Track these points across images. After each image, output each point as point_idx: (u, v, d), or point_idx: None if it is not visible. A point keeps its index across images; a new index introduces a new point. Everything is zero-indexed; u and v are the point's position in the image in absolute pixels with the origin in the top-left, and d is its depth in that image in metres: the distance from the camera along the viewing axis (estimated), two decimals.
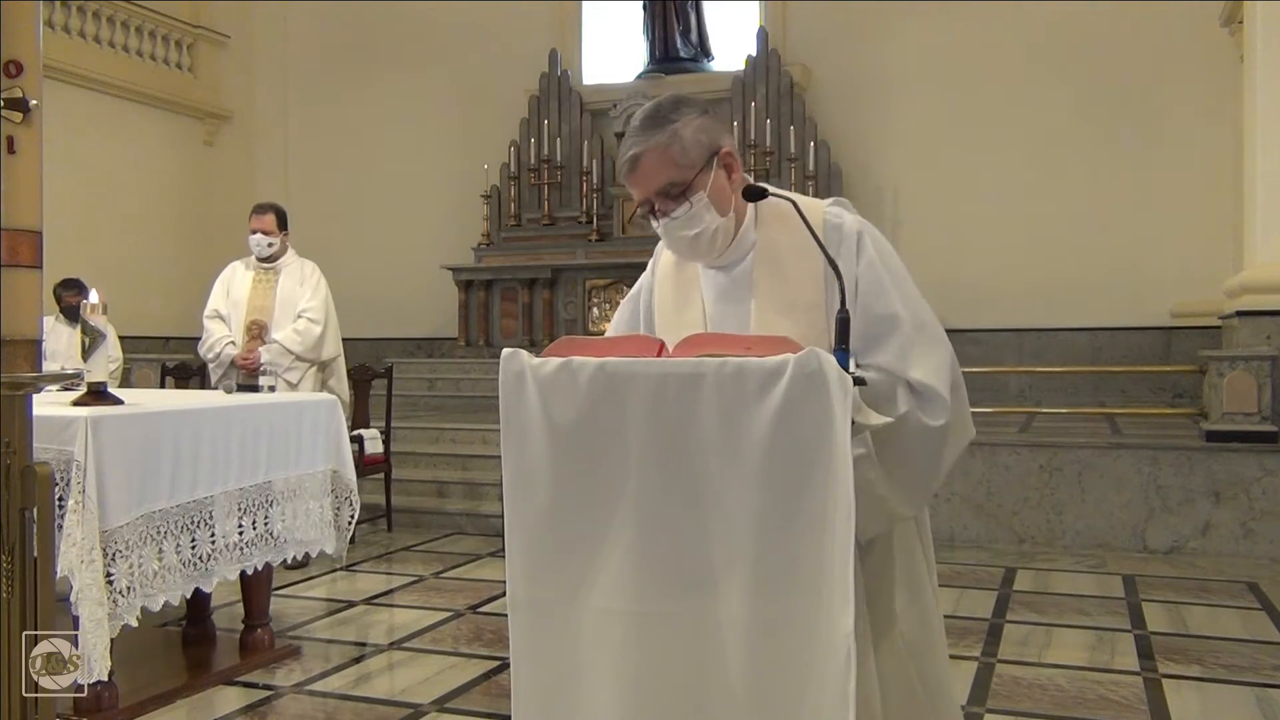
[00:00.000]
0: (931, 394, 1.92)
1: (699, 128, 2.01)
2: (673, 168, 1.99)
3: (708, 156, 2.01)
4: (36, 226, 1.81)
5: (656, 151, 1.99)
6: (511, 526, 1.97)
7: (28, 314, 1.80)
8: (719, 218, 2.03)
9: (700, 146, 2.00)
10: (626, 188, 2.07)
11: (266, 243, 5.87)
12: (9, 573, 1.78)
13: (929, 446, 1.93)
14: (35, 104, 1.77)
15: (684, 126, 2.00)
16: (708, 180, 2.01)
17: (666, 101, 2.05)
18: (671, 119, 2.00)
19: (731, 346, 1.84)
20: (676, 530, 1.83)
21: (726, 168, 2.05)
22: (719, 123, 2.09)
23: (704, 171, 2.01)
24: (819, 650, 1.72)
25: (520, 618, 1.96)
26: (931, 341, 1.99)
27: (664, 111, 2.02)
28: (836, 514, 1.71)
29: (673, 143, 1.98)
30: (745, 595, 1.77)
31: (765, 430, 1.75)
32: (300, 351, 5.86)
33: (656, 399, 1.83)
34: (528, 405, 1.93)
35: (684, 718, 1.83)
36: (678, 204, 2.01)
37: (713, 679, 1.80)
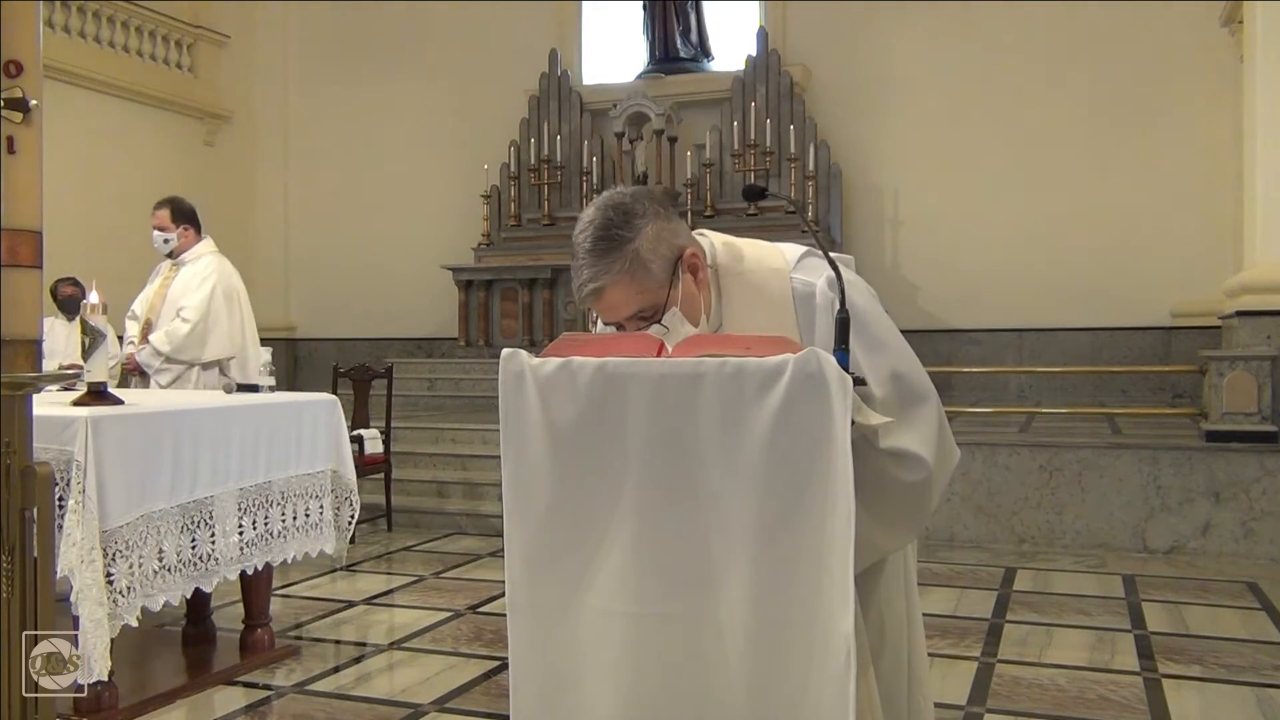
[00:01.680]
0: (912, 458, 1.86)
1: (655, 237, 1.89)
2: (641, 294, 1.90)
3: (671, 268, 1.91)
4: (36, 226, 1.81)
5: (621, 282, 1.89)
6: (511, 527, 1.97)
7: (28, 314, 1.81)
8: (693, 328, 1.95)
9: (662, 260, 1.90)
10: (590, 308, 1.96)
11: (163, 239, 5.56)
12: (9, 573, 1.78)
13: (910, 498, 1.89)
14: (35, 104, 1.77)
15: (641, 242, 1.88)
16: (678, 294, 1.92)
17: (615, 215, 1.89)
18: (625, 235, 1.87)
19: (731, 346, 1.84)
20: (676, 531, 1.83)
21: (691, 270, 1.94)
22: (672, 219, 1.95)
23: (672, 287, 1.92)
24: (819, 651, 1.72)
25: (520, 618, 1.96)
26: (913, 400, 1.90)
27: (615, 229, 1.88)
28: (836, 514, 1.71)
29: (635, 268, 1.87)
30: (745, 596, 1.77)
31: (765, 430, 1.75)
32: (168, 352, 5.36)
33: (656, 399, 1.83)
34: (528, 405, 1.93)
35: (684, 718, 1.83)
36: (650, 324, 1.94)
37: (712, 680, 1.80)
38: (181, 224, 5.58)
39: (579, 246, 1.92)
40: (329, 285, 11.87)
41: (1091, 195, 9.27)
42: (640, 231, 1.89)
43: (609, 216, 1.89)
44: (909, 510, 1.92)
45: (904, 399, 1.91)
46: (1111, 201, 9.21)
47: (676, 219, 1.97)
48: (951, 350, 9.46)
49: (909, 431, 1.88)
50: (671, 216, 1.95)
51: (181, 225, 5.58)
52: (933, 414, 1.91)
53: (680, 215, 1.91)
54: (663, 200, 1.97)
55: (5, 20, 1.74)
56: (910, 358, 1.96)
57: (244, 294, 5.64)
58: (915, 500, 1.90)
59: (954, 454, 1.98)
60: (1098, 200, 9.25)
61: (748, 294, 2.01)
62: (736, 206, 9.76)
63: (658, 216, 1.92)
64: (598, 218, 1.90)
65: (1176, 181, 9.00)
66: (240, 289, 5.62)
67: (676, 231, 1.94)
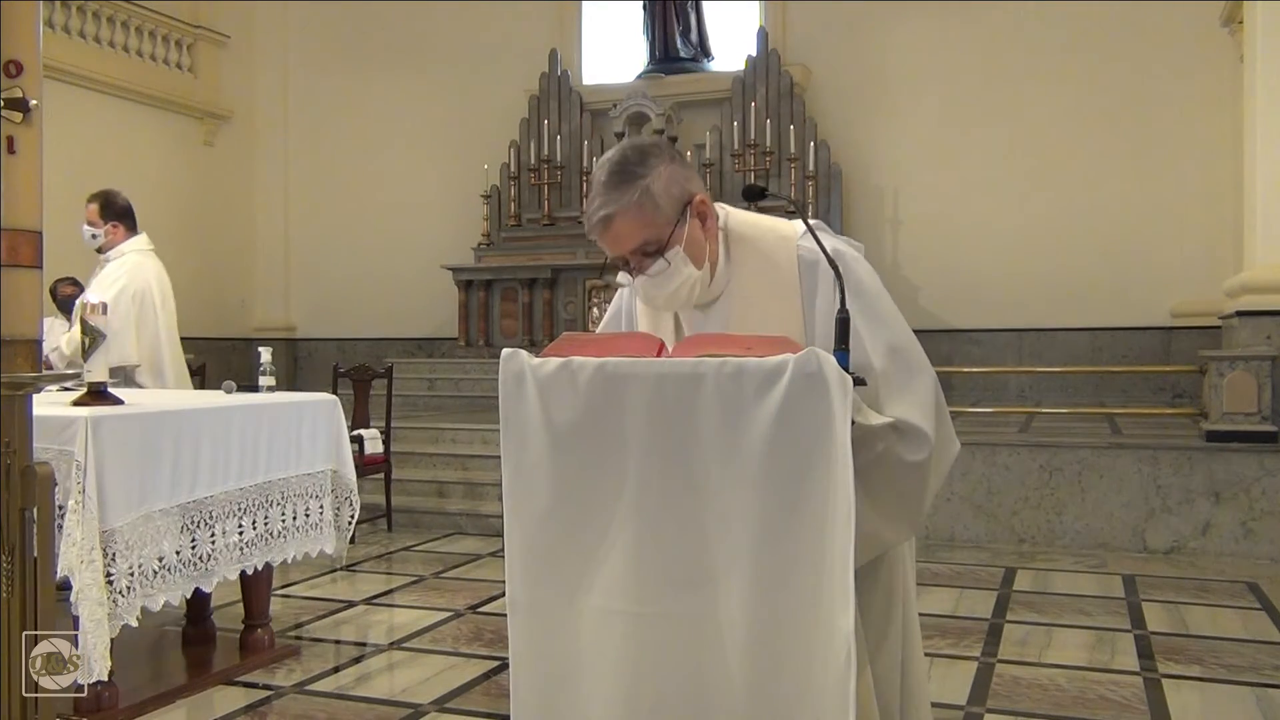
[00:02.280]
0: (913, 430, 1.88)
1: (669, 179, 1.95)
2: (647, 227, 1.94)
3: (680, 209, 1.96)
4: (36, 226, 1.81)
5: (629, 212, 1.93)
6: (511, 526, 1.97)
7: (28, 314, 1.81)
8: (695, 270, 1.99)
9: (672, 200, 1.95)
10: (596, 243, 2.01)
11: (90, 234, 5.24)
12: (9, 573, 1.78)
13: (911, 481, 1.90)
14: (35, 104, 1.77)
15: (654, 180, 1.94)
16: (683, 234, 1.96)
17: (632, 154, 1.97)
18: (639, 173, 1.94)
19: (731, 346, 1.84)
20: (676, 530, 1.83)
21: (700, 216, 2.00)
22: (687, 168, 2.03)
23: (679, 225, 1.96)
24: (819, 650, 1.72)
25: (520, 618, 1.96)
26: (909, 374, 1.93)
27: (630, 165, 1.95)
28: (836, 514, 1.71)
29: (644, 201, 1.93)
30: (745, 595, 1.77)
31: (765, 430, 1.75)
32: (70, 355, 4.97)
33: (656, 399, 1.83)
34: (528, 405, 1.93)
35: (684, 718, 1.83)
36: (654, 260, 1.97)
37: (712, 679, 1.80)
38: (110, 220, 5.26)
39: (595, 181, 1.98)
40: (329, 285, 11.87)
41: (1091, 195, 9.27)
42: (654, 170, 1.95)
43: (626, 155, 1.97)
44: (909, 494, 1.92)
45: (902, 371, 1.93)
46: (1111, 201, 9.21)
47: (691, 170, 2.03)
48: (952, 350, 9.46)
49: (908, 401, 1.90)
50: (687, 166, 2.02)
51: (110, 221, 5.26)
52: (930, 387, 1.93)
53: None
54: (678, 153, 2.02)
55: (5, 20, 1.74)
56: (910, 335, 1.98)
57: (165, 297, 5.27)
58: (916, 483, 1.91)
59: (954, 443, 2.00)
60: (1098, 200, 9.25)
61: (755, 258, 2.05)
62: (736, 206, 9.74)
63: (673, 161, 1.99)
64: (615, 155, 1.99)
65: (1176, 181, 9.00)
66: (159, 292, 5.23)
67: (689, 178, 2.00)
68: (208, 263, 11.40)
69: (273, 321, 12.05)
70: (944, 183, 9.75)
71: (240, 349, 11.44)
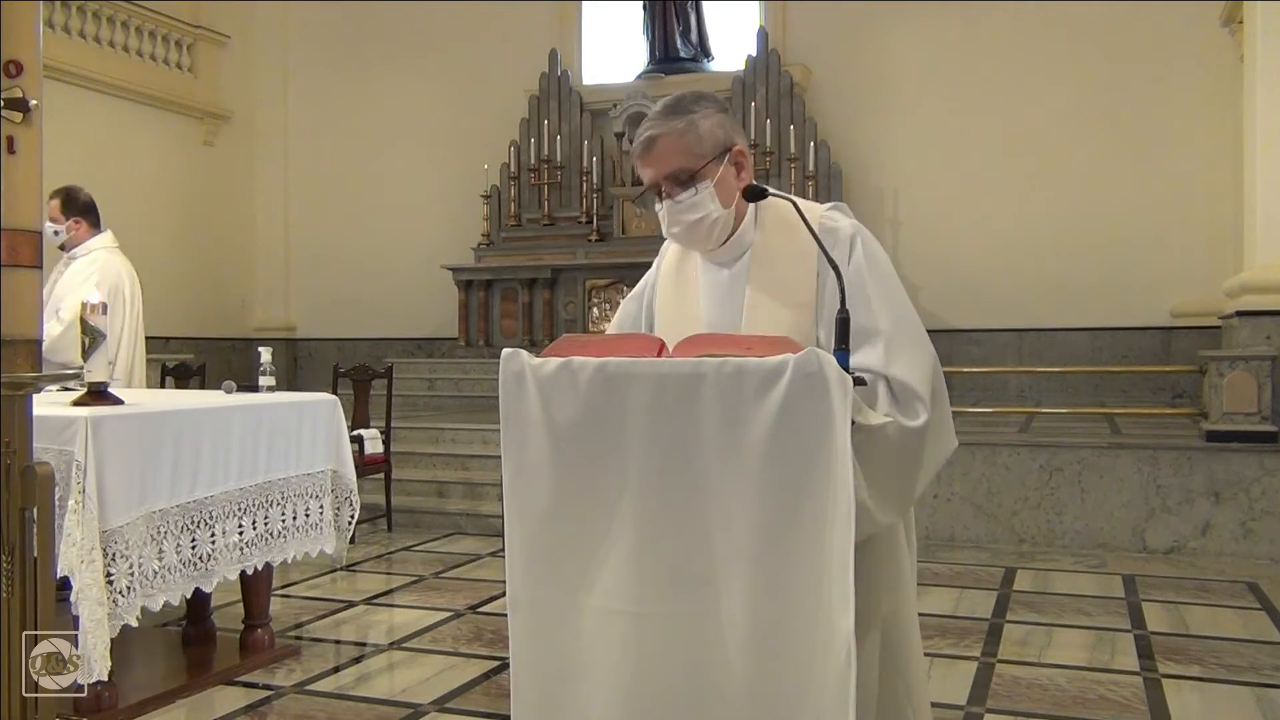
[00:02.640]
0: (909, 394, 1.92)
1: (717, 123, 2.08)
2: (685, 155, 2.06)
3: (720, 151, 2.08)
4: (36, 226, 1.81)
5: (672, 136, 2.06)
6: (511, 526, 1.97)
7: (28, 314, 1.81)
8: (720, 209, 2.08)
9: (714, 140, 2.07)
10: (638, 168, 2.13)
11: (53, 230, 5.13)
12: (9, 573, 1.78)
13: (908, 449, 1.92)
14: (35, 104, 1.77)
15: (702, 118, 2.07)
16: (716, 172, 2.07)
17: (690, 94, 2.13)
18: (691, 109, 2.08)
19: (731, 347, 1.84)
20: (676, 530, 1.83)
21: (736, 165, 2.11)
22: (736, 122, 2.16)
23: (714, 163, 2.07)
24: (819, 650, 1.72)
25: (520, 618, 1.96)
26: (911, 345, 1.99)
27: (686, 102, 2.09)
28: (836, 514, 1.71)
29: (689, 130, 2.06)
30: (745, 595, 1.77)
31: (765, 430, 1.75)
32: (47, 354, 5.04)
33: (656, 399, 1.83)
34: (528, 405, 1.93)
35: (684, 717, 1.83)
36: (684, 189, 2.07)
37: (713, 679, 1.80)
38: (73, 216, 5.22)
39: (650, 113, 2.12)
40: (329, 285, 11.87)
41: (1091, 195, 9.27)
42: (704, 110, 2.09)
43: (685, 94, 2.13)
44: (903, 464, 1.94)
45: (906, 337, 1.99)
46: (1111, 201, 9.20)
47: (740, 127, 2.18)
48: (952, 350, 9.45)
49: (907, 364, 1.95)
50: (737, 122, 2.17)
51: (73, 218, 5.21)
52: (929, 364, 1.99)
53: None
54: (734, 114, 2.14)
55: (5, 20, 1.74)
56: (916, 318, 2.06)
57: (135, 296, 5.25)
58: (910, 452, 1.93)
59: (952, 435, 2.03)
60: (1097, 200, 9.25)
61: (781, 224, 2.12)
62: None
63: (725, 113, 2.13)
64: (675, 95, 2.13)
65: (1176, 181, 8.99)
66: (130, 290, 5.22)
67: (736, 130, 2.14)
68: (208, 263, 11.41)
69: (273, 321, 12.04)
70: (944, 182, 9.74)
71: (240, 349, 11.44)
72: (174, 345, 10.28)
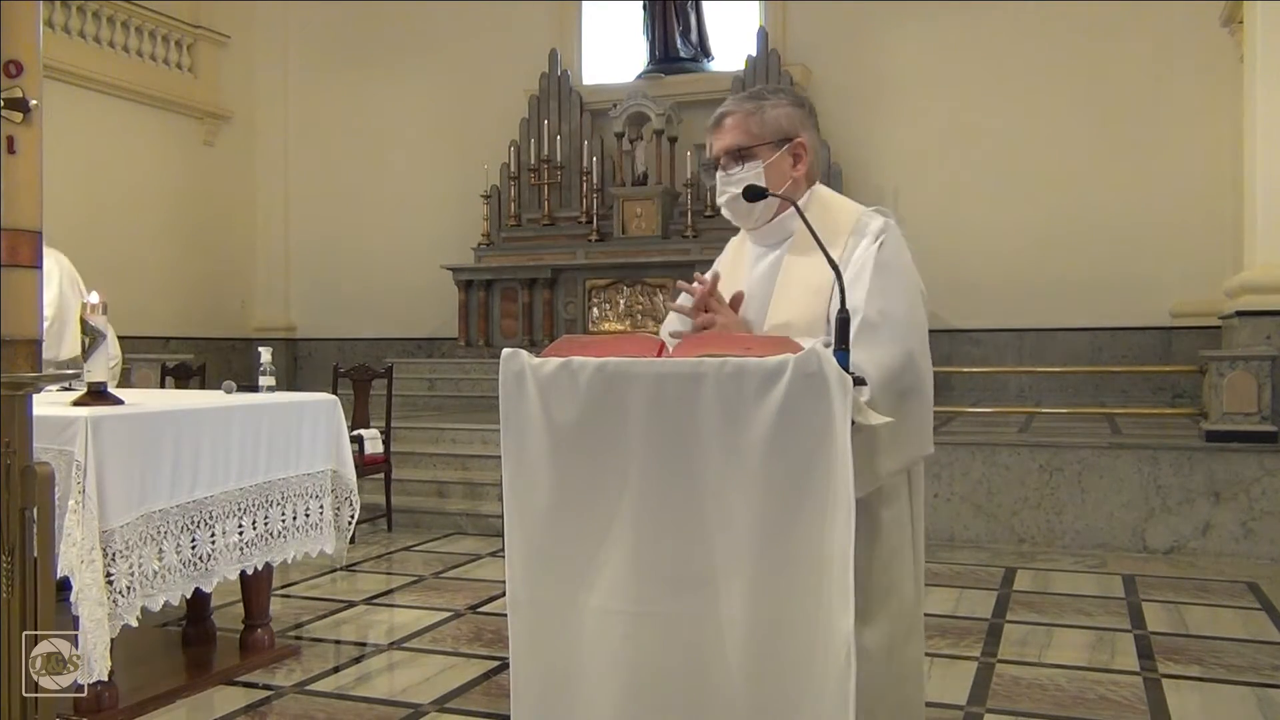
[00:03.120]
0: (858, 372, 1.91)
1: (784, 114, 2.24)
2: (744, 134, 2.22)
3: (779, 138, 2.22)
4: (36, 226, 1.81)
5: (739, 116, 2.24)
6: (511, 526, 1.97)
7: (28, 314, 1.80)
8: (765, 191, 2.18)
9: (776, 127, 2.22)
10: (708, 141, 2.31)
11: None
12: (9, 573, 1.78)
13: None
14: (35, 104, 1.77)
15: (772, 107, 2.23)
16: (770, 156, 2.21)
17: (770, 87, 2.35)
18: (765, 97, 2.27)
19: (732, 346, 1.84)
20: (676, 530, 1.83)
21: (795, 156, 2.24)
22: (809, 118, 2.29)
23: (769, 147, 2.21)
24: (819, 651, 1.72)
25: (520, 617, 1.96)
26: (889, 339, 2.01)
27: (764, 91, 2.30)
28: (836, 514, 1.71)
29: (754, 113, 2.23)
30: (745, 595, 1.77)
31: (765, 430, 1.76)
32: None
33: (656, 399, 1.83)
34: (528, 405, 1.93)
35: (684, 717, 1.83)
36: (736, 164, 2.22)
37: (713, 679, 1.80)
38: None
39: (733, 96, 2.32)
40: (329, 285, 11.87)
41: (1091, 195, 9.27)
42: (776, 100, 2.26)
43: (766, 86, 2.35)
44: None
45: (882, 331, 2.01)
46: (1111, 201, 9.20)
47: (813, 125, 2.31)
48: (952, 350, 9.45)
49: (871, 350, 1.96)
50: (811, 118, 2.30)
51: None
52: (899, 360, 2.01)
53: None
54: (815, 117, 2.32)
55: (5, 20, 1.74)
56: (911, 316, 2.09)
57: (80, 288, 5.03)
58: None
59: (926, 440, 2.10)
60: (1098, 200, 9.25)
61: (824, 217, 2.17)
62: None
63: (800, 108, 2.28)
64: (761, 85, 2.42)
65: (1176, 181, 8.99)
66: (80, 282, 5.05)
67: (805, 126, 2.27)
68: (208, 263, 11.41)
69: (273, 321, 12.04)
70: (944, 182, 9.74)
71: (240, 349, 11.44)
72: (174, 345, 10.28)
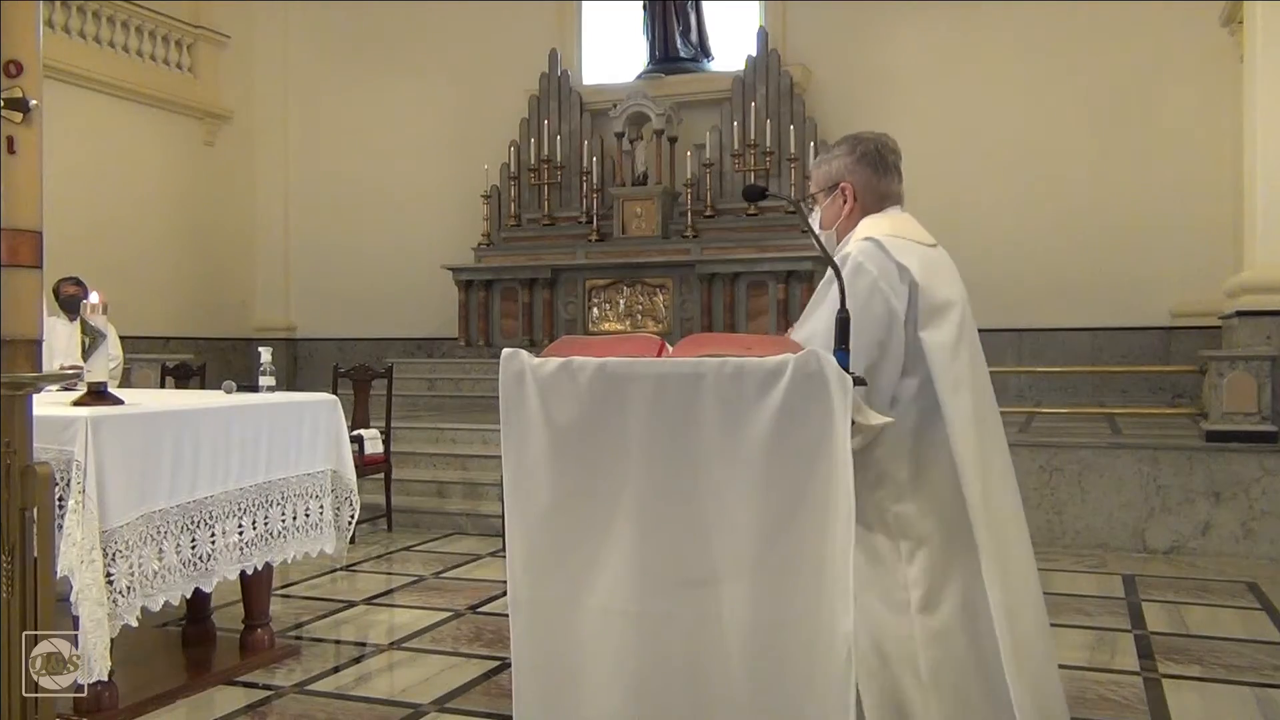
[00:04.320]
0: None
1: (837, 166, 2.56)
2: (813, 183, 2.63)
3: (829, 185, 2.56)
4: (37, 227, 1.81)
5: (814, 169, 2.66)
6: (512, 526, 1.97)
7: (28, 314, 1.81)
8: (819, 228, 2.57)
9: (826, 177, 2.57)
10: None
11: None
12: (9, 573, 1.78)
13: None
14: (35, 104, 1.77)
15: (828, 160, 2.58)
16: (824, 201, 2.57)
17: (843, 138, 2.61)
18: (831, 150, 2.61)
19: (732, 346, 1.84)
20: (677, 530, 1.83)
21: (839, 196, 2.54)
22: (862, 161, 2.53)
23: (824, 194, 2.57)
24: (820, 649, 1.72)
25: (521, 617, 1.96)
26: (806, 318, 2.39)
27: (833, 144, 2.63)
28: (837, 514, 1.71)
29: (817, 167, 2.63)
30: (746, 595, 1.77)
31: (765, 430, 1.75)
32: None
33: (657, 399, 1.83)
34: (528, 405, 1.93)
35: (685, 717, 1.83)
36: (810, 209, 2.63)
37: (714, 678, 1.80)
38: None
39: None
40: (329, 285, 11.87)
41: (1091, 195, 9.27)
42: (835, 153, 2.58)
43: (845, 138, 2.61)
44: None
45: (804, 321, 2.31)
46: (1111, 201, 9.20)
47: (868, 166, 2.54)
48: None
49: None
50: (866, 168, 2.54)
51: None
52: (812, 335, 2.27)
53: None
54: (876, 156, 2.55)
55: (5, 20, 1.74)
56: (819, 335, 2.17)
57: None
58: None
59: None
60: (1098, 200, 9.25)
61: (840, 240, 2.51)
62: (736, 206, 9.76)
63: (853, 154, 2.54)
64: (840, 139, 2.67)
65: (1176, 181, 8.99)
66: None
67: (853, 170, 2.54)
68: (208, 262, 11.41)
69: (273, 321, 12.04)
70: (943, 182, 9.72)
71: (240, 349, 11.44)
72: (174, 345, 10.28)
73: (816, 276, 8.88)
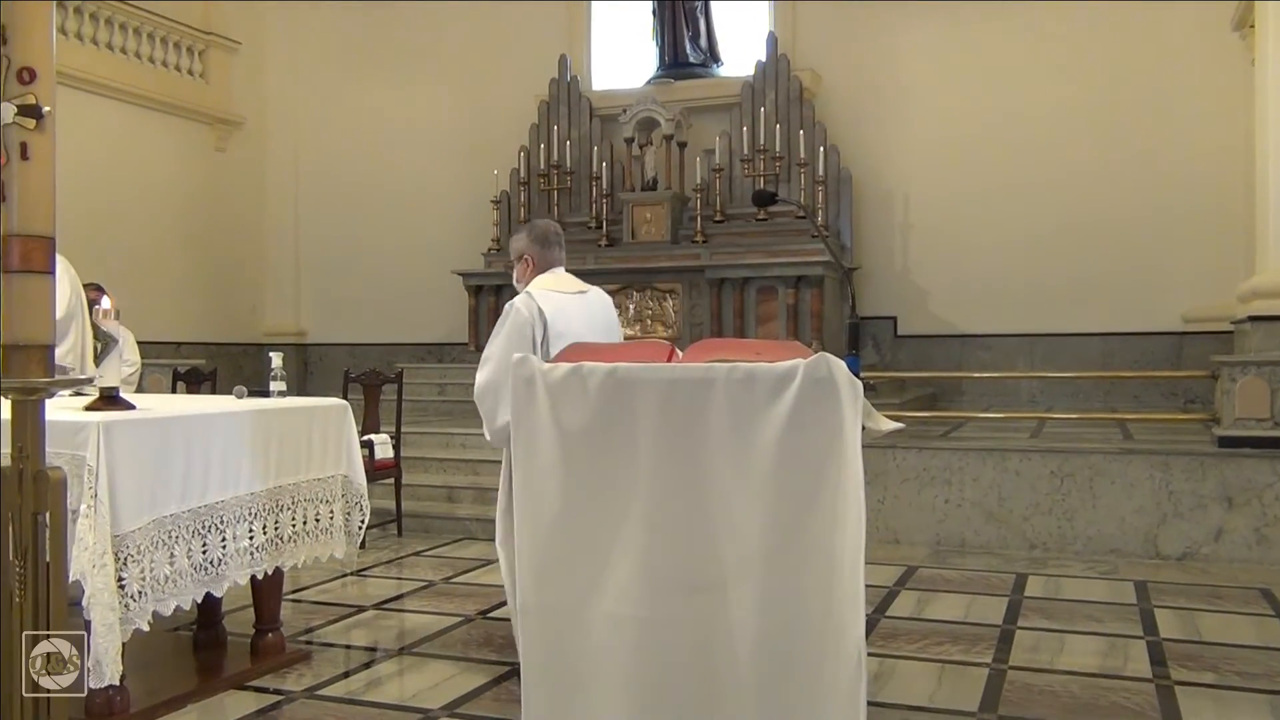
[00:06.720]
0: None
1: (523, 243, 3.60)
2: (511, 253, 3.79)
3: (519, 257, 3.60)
4: (50, 232, 1.82)
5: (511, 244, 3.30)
6: (521, 532, 1.97)
7: (41, 319, 1.81)
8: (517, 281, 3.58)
9: (518, 251, 3.56)
10: None
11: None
12: (21, 577, 1.79)
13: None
14: (48, 110, 1.78)
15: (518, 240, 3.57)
16: (517, 264, 3.71)
17: (524, 226, 3.44)
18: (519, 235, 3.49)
19: (741, 352, 1.84)
20: (686, 535, 1.83)
21: (526, 263, 3.66)
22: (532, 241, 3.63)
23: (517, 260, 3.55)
24: (830, 655, 1.71)
25: (530, 622, 1.96)
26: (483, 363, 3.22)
27: (518, 229, 3.24)
28: (847, 520, 1.70)
29: (513, 244, 3.78)
30: (756, 599, 1.77)
31: (775, 435, 1.75)
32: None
33: (666, 404, 1.83)
34: (538, 411, 1.93)
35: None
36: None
37: (724, 682, 1.80)
38: None
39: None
40: (339, 290, 11.90)
41: (1102, 200, 9.25)
42: (524, 236, 3.51)
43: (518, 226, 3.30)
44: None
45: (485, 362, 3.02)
46: (1123, 206, 9.18)
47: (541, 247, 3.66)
48: (962, 355, 9.44)
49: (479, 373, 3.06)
50: (538, 244, 3.66)
51: None
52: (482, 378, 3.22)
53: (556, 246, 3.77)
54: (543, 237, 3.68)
55: (19, 28, 1.75)
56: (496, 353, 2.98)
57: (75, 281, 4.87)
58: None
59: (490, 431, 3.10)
60: (1109, 205, 9.23)
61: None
62: (746, 211, 9.76)
63: (529, 236, 3.64)
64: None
65: (1188, 186, 8.96)
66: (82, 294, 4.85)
67: (529, 247, 3.65)
68: (219, 268, 11.45)
69: (283, 326, 12.08)
70: (954, 187, 9.73)
71: (251, 354, 11.48)
72: (185, 350, 10.32)
73: (827, 282, 8.87)
